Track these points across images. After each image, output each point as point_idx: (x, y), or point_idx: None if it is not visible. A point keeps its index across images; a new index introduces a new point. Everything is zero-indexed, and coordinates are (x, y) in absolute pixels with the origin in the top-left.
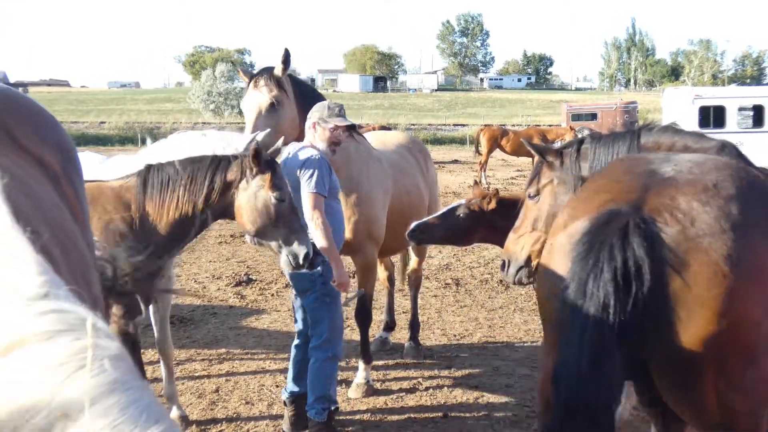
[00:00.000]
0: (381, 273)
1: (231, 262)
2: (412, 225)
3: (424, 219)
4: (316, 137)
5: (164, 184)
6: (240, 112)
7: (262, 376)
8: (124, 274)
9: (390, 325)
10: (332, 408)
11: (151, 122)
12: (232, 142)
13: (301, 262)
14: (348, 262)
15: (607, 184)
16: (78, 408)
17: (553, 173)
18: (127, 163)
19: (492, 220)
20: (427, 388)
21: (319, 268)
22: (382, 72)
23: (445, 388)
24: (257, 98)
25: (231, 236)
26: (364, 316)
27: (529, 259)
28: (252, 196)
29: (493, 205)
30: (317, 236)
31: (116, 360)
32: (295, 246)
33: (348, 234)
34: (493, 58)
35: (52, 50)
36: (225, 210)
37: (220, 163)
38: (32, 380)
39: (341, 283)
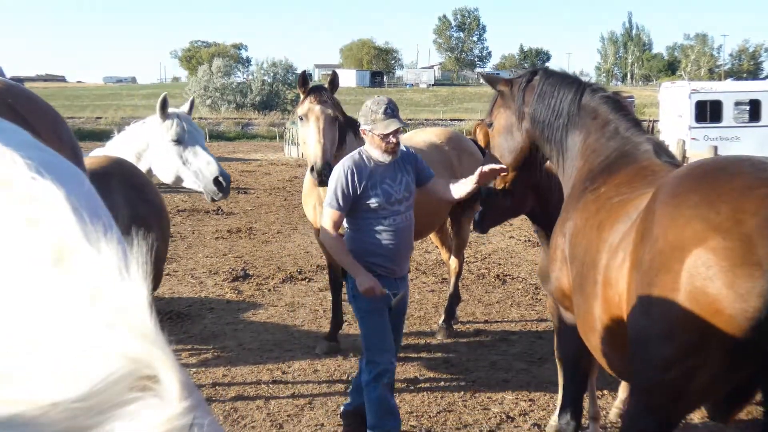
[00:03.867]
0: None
1: (228, 257)
2: (475, 218)
3: (479, 210)
4: (369, 145)
5: None
6: (237, 107)
7: (259, 371)
8: None
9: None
10: None
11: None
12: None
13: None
14: None
15: (752, 181)
16: None
17: (504, 102)
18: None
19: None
20: (424, 382)
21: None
22: (379, 67)
23: (442, 382)
24: (325, 110)
25: (228, 231)
26: None
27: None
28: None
29: None
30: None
31: None
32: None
33: None
34: (489, 53)
35: (48, 45)
36: None
37: None
38: None
39: (364, 291)
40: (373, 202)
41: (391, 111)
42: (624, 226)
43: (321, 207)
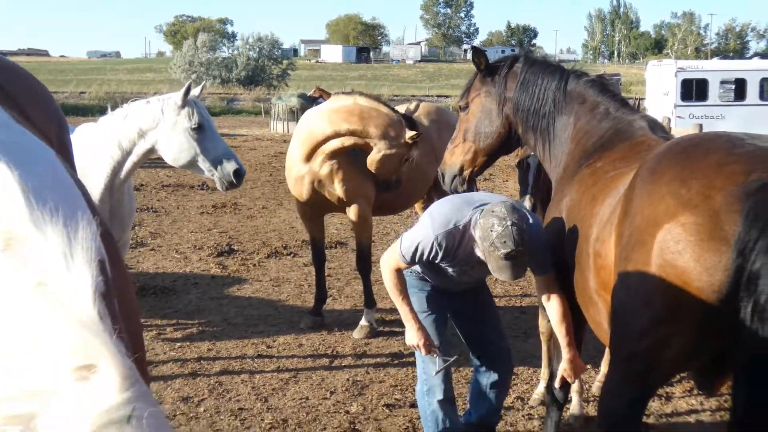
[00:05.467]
0: None
1: (212, 232)
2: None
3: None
4: (476, 247)
5: None
6: (222, 82)
7: (244, 345)
8: None
9: None
10: None
11: (131, 92)
12: (170, 98)
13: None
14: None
15: (724, 157)
16: None
17: (483, 87)
18: (88, 131)
19: None
20: (408, 357)
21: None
22: (366, 43)
23: None
24: None
25: (213, 207)
26: (365, 266)
27: (462, 168)
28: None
29: None
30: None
31: None
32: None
33: (341, 193)
34: (477, 30)
35: (31, 19)
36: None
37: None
38: None
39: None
40: (444, 267)
41: (512, 257)
42: (614, 200)
43: (310, 177)
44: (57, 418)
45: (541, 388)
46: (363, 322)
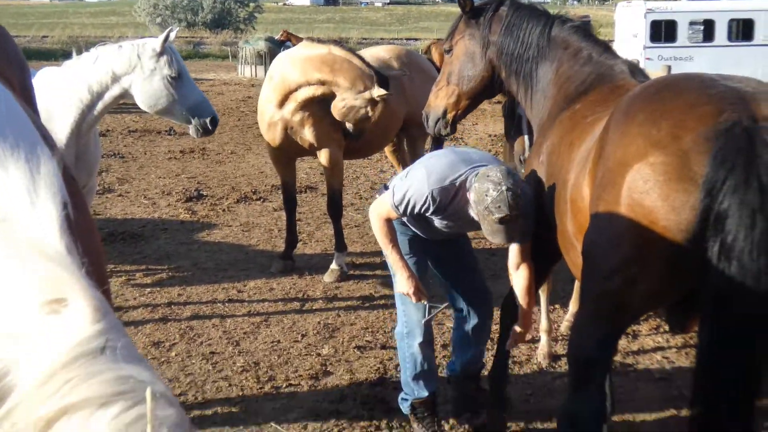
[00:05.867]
0: None
1: (181, 177)
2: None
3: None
4: (470, 209)
5: None
6: (188, 26)
7: (214, 290)
8: None
9: None
10: (414, 399)
11: (95, 36)
12: (147, 44)
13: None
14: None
15: (696, 98)
16: None
17: (467, 29)
18: (53, 74)
19: None
20: (379, 299)
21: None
22: None
23: None
24: None
25: (181, 152)
26: (335, 210)
27: (445, 112)
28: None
29: None
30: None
31: (176, 428)
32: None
33: (312, 138)
34: None
35: None
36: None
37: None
38: None
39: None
40: (431, 218)
41: (506, 222)
42: (590, 144)
43: (283, 123)
44: (29, 352)
45: (544, 341)
46: (333, 265)
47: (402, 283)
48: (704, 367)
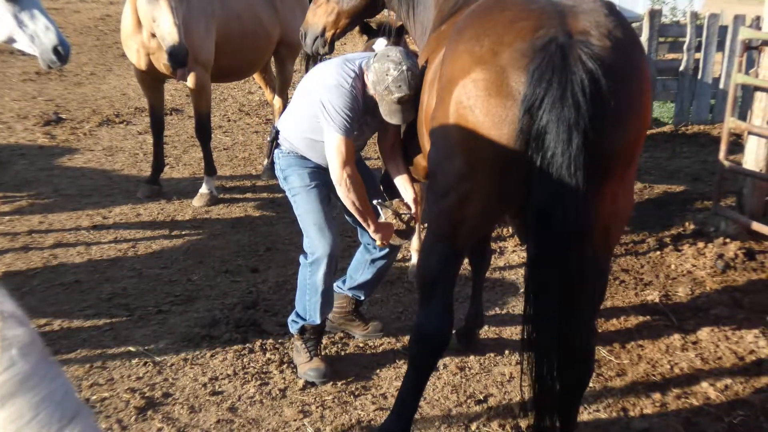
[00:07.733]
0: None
1: (38, 100)
2: None
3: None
4: (367, 91)
5: None
6: None
7: (78, 217)
8: None
9: None
10: (307, 323)
11: None
12: None
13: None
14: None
15: (517, 14)
16: None
17: None
18: None
19: None
20: (248, 223)
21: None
22: None
23: (270, 221)
24: None
25: (36, 74)
26: (204, 133)
27: (324, 30)
28: None
29: None
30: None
31: (26, 348)
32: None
33: None
34: None
35: None
36: None
37: None
38: None
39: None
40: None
41: (405, 101)
42: (437, 64)
43: (144, 50)
44: None
45: (414, 259)
46: (203, 189)
47: (375, 235)
48: (530, 280)
